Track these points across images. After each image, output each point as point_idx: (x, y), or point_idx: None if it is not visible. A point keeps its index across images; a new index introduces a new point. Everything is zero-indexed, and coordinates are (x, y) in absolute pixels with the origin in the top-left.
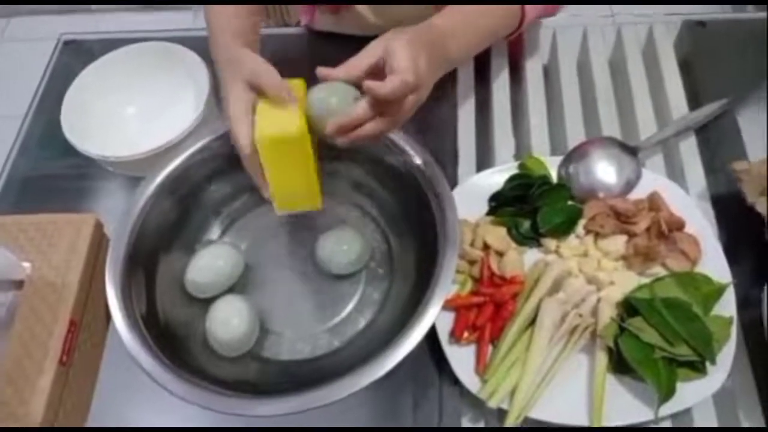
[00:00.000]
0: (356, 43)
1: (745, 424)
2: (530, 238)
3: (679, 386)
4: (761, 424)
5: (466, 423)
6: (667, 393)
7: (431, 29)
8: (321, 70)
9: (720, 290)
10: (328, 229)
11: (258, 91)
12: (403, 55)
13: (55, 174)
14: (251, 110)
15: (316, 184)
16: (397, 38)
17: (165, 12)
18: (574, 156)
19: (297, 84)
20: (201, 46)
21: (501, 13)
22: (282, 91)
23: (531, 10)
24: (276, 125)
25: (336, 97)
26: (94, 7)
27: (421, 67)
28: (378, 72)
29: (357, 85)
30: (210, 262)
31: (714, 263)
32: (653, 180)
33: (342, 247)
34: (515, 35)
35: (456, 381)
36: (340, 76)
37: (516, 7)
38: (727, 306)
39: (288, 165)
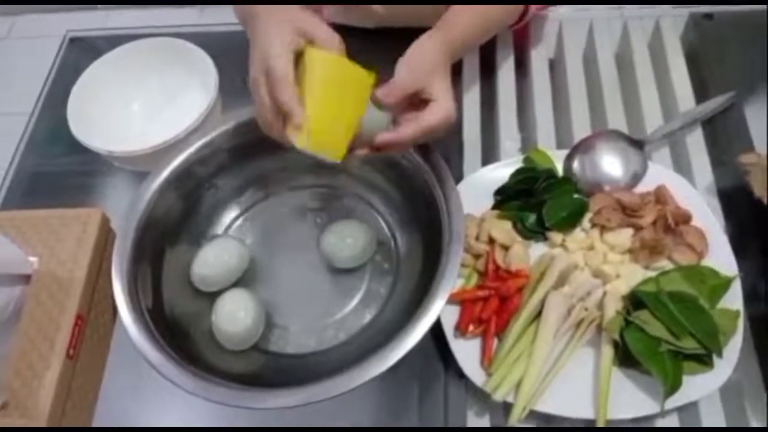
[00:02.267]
0: (366, 35)
1: (752, 418)
2: (536, 232)
3: (686, 379)
4: None
5: (471, 416)
6: (673, 386)
7: (452, 37)
8: (377, 94)
9: (726, 283)
10: (331, 221)
11: (306, 41)
12: (445, 95)
13: (61, 170)
14: (293, 53)
15: (352, 135)
16: (435, 74)
17: (171, 9)
18: (580, 149)
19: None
20: (207, 42)
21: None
22: (337, 45)
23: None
24: (347, 61)
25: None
26: (100, 5)
27: (451, 101)
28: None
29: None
30: (216, 256)
31: (721, 256)
32: (660, 173)
33: (346, 240)
34: (521, 24)
35: (461, 374)
36: (395, 101)
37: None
38: (734, 299)
39: (343, 101)
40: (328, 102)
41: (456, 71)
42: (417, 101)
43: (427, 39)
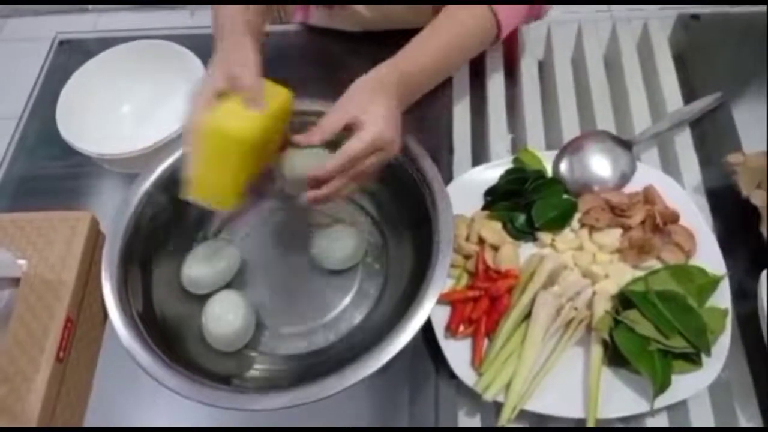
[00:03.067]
0: (351, 39)
1: (741, 416)
2: (525, 232)
3: (675, 378)
4: (757, 415)
5: (462, 416)
6: (662, 385)
7: (400, 73)
8: (297, 138)
9: (715, 282)
10: (324, 224)
11: (233, 86)
12: (373, 120)
13: (51, 173)
14: (214, 97)
15: (238, 187)
16: (369, 103)
17: (161, 12)
18: (569, 150)
19: (281, 92)
20: (196, 44)
21: (476, 31)
22: (252, 99)
23: (508, 22)
24: (230, 120)
25: (314, 162)
26: (90, 7)
27: (389, 137)
28: (351, 129)
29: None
30: (206, 259)
31: (709, 255)
32: (648, 173)
33: (336, 243)
34: (497, 43)
35: (452, 374)
36: (316, 142)
37: (490, 23)
38: (722, 298)
39: (220, 161)
40: (208, 164)
41: None
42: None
43: (378, 69)
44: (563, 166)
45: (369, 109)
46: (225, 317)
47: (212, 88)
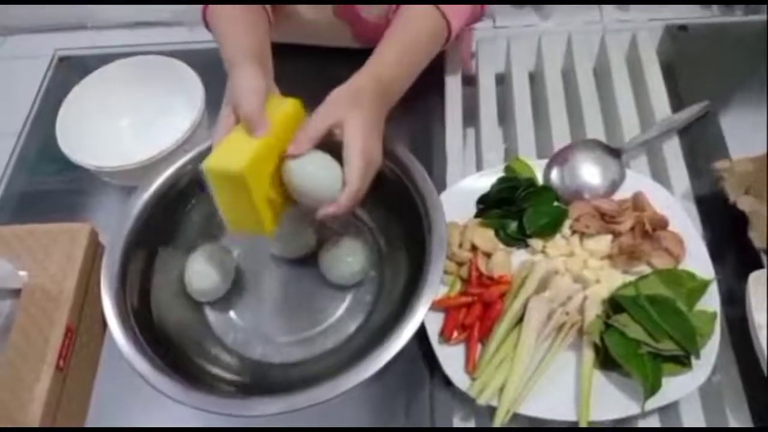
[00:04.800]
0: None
1: (731, 417)
2: (517, 239)
3: (665, 381)
4: (747, 416)
5: (457, 421)
6: (653, 387)
7: (377, 81)
8: (292, 150)
9: (703, 286)
10: (322, 235)
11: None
12: (354, 163)
13: (50, 186)
14: (228, 128)
15: (264, 214)
16: (349, 125)
17: (160, 28)
18: (559, 159)
19: (286, 102)
20: (194, 59)
21: (431, 31)
22: (251, 122)
23: (456, 22)
24: (227, 157)
25: (322, 170)
26: (89, 24)
27: (374, 148)
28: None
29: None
30: (205, 267)
31: (697, 260)
32: (637, 181)
33: (347, 258)
34: (446, 46)
35: (447, 380)
36: (307, 148)
37: (441, 23)
38: (711, 301)
39: (232, 195)
40: (227, 201)
41: (439, 86)
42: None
43: (350, 79)
44: (554, 175)
45: (349, 120)
46: (206, 271)
47: (225, 128)
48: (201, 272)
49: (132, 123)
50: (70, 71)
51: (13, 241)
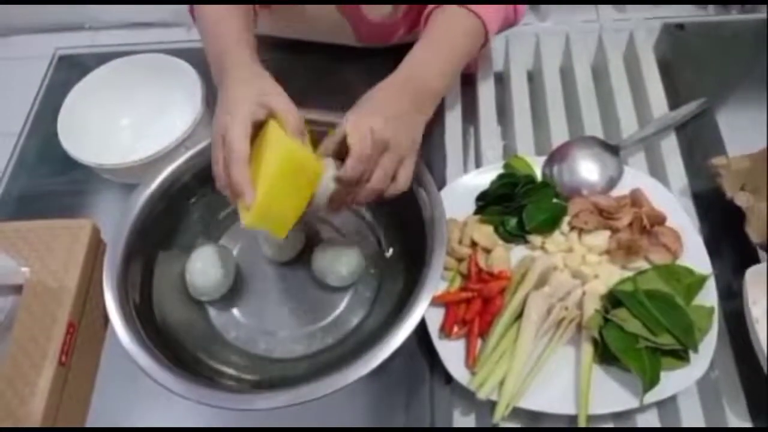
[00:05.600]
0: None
1: (729, 411)
2: (516, 235)
3: (663, 375)
4: (744, 409)
5: (457, 415)
6: (651, 381)
7: (398, 77)
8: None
9: (701, 281)
10: (321, 234)
11: (269, 113)
12: (352, 135)
13: (52, 185)
14: (251, 125)
15: (297, 218)
16: (351, 114)
17: (159, 29)
18: (558, 155)
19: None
20: (193, 57)
21: (469, 35)
22: (299, 126)
23: (492, 27)
24: (303, 152)
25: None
26: (88, 24)
27: (376, 131)
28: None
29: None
30: (206, 265)
31: (695, 256)
32: (635, 177)
33: (341, 259)
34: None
35: (447, 374)
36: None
37: (480, 28)
38: (709, 296)
39: (291, 189)
40: (278, 190)
41: None
42: None
43: (393, 76)
44: (553, 171)
45: (368, 113)
46: (207, 269)
47: (251, 117)
48: (202, 271)
49: (133, 121)
50: (70, 70)
51: (14, 237)
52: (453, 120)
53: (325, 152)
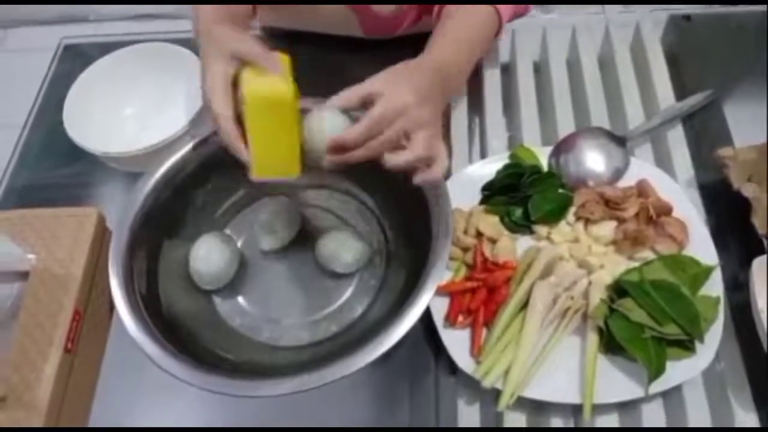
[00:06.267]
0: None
1: (734, 401)
2: (522, 225)
3: (669, 365)
4: (749, 400)
5: (461, 404)
6: (657, 371)
7: (425, 58)
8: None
9: (707, 272)
10: (326, 222)
11: (241, 62)
12: (379, 84)
13: (57, 173)
14: (230, 83)
15: (297, 151)
16: (393, 79)
17: (162, 21)
18: (564, 146)
19: (283, 57)
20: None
21: (484, 23)
22: (268, 60)
23: (505, 15)
24: (266, 87)
25: (331, 124)
26: (92, 16)
27: (411, 92)
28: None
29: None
30: (210, 254)
31: (701, 246)
32: (641, 168)
33: (347, 245)
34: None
35: (452, 363)
36: (338, 104)
37: (494, 15)
38: (715, 287)
39: (274, 127)
40: (264, 134)
41: None
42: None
43: (411, 60)
44: (559, 162)
45: (390, 81)
46: (209, 257)
47: (224, 78)
48: (205, 259)
49: (138, 110)
50: (75, 60)
51: (21, 225)
52: (459, 110)
53: (347, 104)
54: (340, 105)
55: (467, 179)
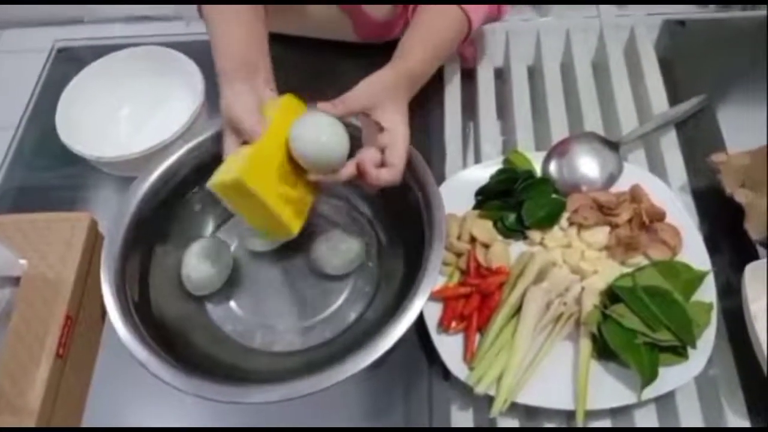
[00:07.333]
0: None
1: (727, 407)
2: (516, 231)
3: (662, 370)
4: (742, 406)
5: (454, 410)
6: (649, 377)
7: (400, 66)
8: (321, 105)
9: (700, 278)
10: (318, 226)
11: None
12: (401, 147)
13: (50, 178)
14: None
15: (284, 214)
16: (390, 98)
17: (157, 23)
18: (558, 151)
19: (280, 102)
20: (192, 50)
21: (453, 26)
22: (251, 135)
23: (475, 18)
24: (227, 169)
25: (325, 136)
26: (86, 18)
27: (397, 120)
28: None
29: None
30: (203, 259)
31: (694, 252)
32: (635, 173)
33: (337, 248)
34: (467, 41)
35: (445, 369)
36: (338, 113)
37: (463, 18)
38: (708, 293)
39: (248, 204)
40: (246, 211)
41: (438, 79)
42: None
43: (386, 68)
44: (552, 167)
45: (388, 107)
46: (202, 263)
47: (232, 149)
48: (196, 265)
49: (131, 113)
50: (69, 63)
51: (13, 230)
52: (452, 115)
53: (366, 142)
54: (339, 113)
55: (461, 184)
